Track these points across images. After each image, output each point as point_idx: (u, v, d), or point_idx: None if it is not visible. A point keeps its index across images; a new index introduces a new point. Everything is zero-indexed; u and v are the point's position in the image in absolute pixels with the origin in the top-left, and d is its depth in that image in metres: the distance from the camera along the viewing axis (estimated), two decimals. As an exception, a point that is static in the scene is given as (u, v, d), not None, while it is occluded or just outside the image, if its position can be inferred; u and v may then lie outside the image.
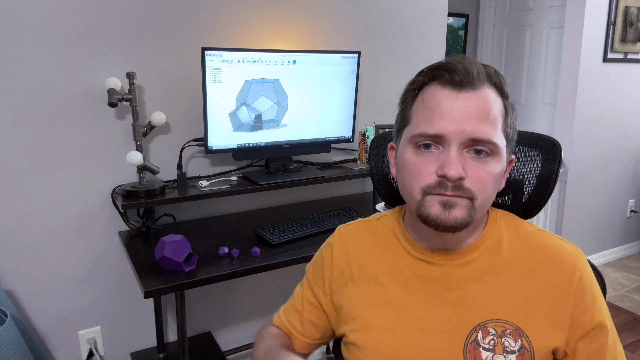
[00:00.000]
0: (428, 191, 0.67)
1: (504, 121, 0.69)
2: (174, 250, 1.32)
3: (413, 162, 0.68)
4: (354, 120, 1.93)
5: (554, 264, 0.72)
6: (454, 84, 0.66)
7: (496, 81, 0.69)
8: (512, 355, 0.68)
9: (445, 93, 0.66)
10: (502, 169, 0.70)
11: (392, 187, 0.93)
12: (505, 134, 0.70)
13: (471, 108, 0.65)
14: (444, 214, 0.66)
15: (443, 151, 0.66)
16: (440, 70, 0.68)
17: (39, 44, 1.49)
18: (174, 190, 1.65)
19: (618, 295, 2.78)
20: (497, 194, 0.73)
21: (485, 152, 0.66)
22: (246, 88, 1.66)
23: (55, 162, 1.57)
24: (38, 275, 1.61)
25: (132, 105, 1.57)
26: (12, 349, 1.33)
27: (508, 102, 0.71)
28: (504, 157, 0.69)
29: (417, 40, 2.21)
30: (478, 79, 0.66)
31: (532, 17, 3.44)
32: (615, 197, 3.20)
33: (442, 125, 0.65)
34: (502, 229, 0.76)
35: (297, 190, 2.06)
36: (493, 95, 0.68)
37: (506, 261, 0.73)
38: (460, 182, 0.65)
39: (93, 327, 1.74)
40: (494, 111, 0.67)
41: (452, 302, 0.72)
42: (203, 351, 1.80)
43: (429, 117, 0.67)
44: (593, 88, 2.83)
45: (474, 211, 0.67)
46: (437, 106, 0.66)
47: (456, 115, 0.65)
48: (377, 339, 0.74)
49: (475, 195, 0.66)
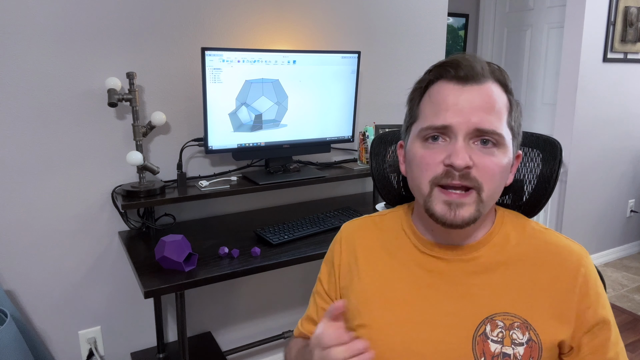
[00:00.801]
0: (436, 182, 0.69)
1: (509, 115, 0.71)
2: (174, 250, 1.32)
3: (421, 155, 0.70)
4: (354, 120, 1.93)
5: (559, 260, 0.73)
6: (459, 78, 0.69)
7: (500, 77, 0.71)
8: (520, 348, 0.69)
9: (451, 87, 0.69)
10: (509, 162, 0.71)
11: (392, 187, 0.93)
12: (510, 127, 0.71)
13: (476, 100, 0.67)
14: (449, 213, 0.68)
15: (450, 142, 0.68)
16: (445, 66, 0.70)
17: (39, 44, 1.49)
18: (174, 190, 1.65)
19: (618, 295, 2.78)
20: (500, 193, 0.74)
21: (491, 142, 0.68)
22: (246, 88, 1.66)
23: (55, 162, 1.57)
24: (38, 275, 1.61)
25: (132, 105, 1.57)
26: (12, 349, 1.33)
27: (513, 98, 0.73)
28: (510, 149, 0.71)
29: (417, 40, 2.21)
30: (482, 74, 0.69)
31: (532, 17, 3.44)
32: (615, 197, 3.20)
33: (448, 117, 0.68)
34: (508, 226, 0.78)
35: (297, 190, 2.06)
36: (497, 90, 0.70)
37: (512, 257, 0.74)
38: (467, 171, 0.67)
39: (93, 327, 1.74)
40: (498, 104, 0.69)
41: (459, 297, 0.73)
42: (203, 351, 1.80)
43: (436, 111, 0.69)
44: (593, 88, 2.83)
45: (481, 205, 0.69)
46: (444, 100, 0.69)
47: (462, 107, 0.67)
48: (384, 333, 0.75)
49: (481, 185, 0.68)
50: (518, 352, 0.69)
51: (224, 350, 1.97)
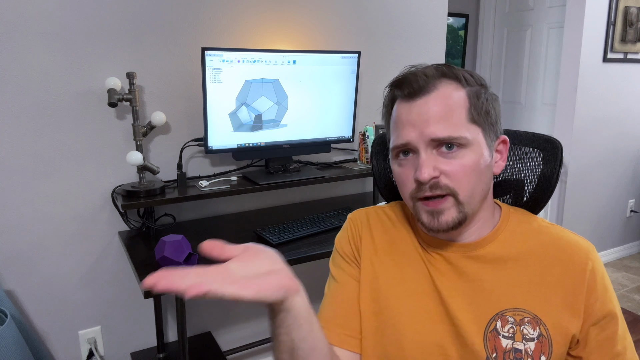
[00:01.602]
0: (414, 196, 0.72)
1: (469, 110, 0.70)
2: (174, 250, 1.32)
3: (397, 172, 0.75)
4: (354, 120, 1.93)
5: (566, 255, 0.73)
6: (407, 95, 0.72)
7: (449, 74, 0.72)
8: (531, 343, 0.70)
9: (403, 105, 0.72)
10: (483, 157, 0.71)
11: (393, 187, 0.93)
12: (474, 120, 0.70)
13: (427, 112, 0.69)
14: (433, 221, 0.71)
15: (416, 156, 0.71)
16: (394, 87, 0.74)
17: (39, 44, 1.49)
18: (174, 190, 1.65)
19: (618, 295, 2.78)
20: (501, 191, 0.74)
21: (455, 145, 0.69)
22: (246, 88, 1.66)
23: (55, 162, 1.57)
24: (38, 275, 1.61)
25: (132, 105, 1.57)
26: (12, 349, 1.33)
27: (473, 88, 0.72)
28: (481, 144, 0.71)
29: (417, 40, 2.21)
30: (427, 83, 0.70)
31: (532, 17, 3.44)
32: (615, 197, 3.20)
33: (405, 134, 0.71)
34: (514, 223, 0.78)
35: (297, 190, 2.06)
36: (449, 90, 0.70)
37: (520, 253, 0.75)
38: (436, 181, 0.69)
39: (93, 327, 1.74)
40: (451, 107, 0.69)
41: (469, 293, 0.74)
42: (203, 351, 1.80)
43: (396, 130, 0.73)
44: (593, 88, 2.83)
45: (462, 206, 0.70)
46: (400, 119, 0.72)
47: (414, 122, 0.70)
48: (402, 323, 0.75)
49: (454, 190, 0.69)
50: (529, 347, 0.69)
51: (224, 350, 1.97)
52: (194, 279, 0.47)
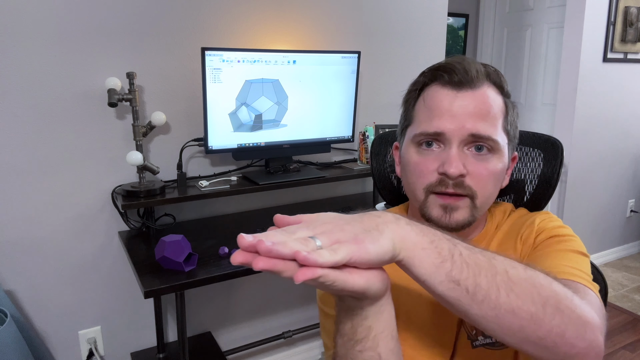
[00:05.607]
0: (430, 189, 0.69)
1: (504, 119, 0.70)
2: (174, 250, 1.32)
3: (415, 162, 0.70)
4: (354, 120, 1.93)
5: (526, 225, 0.75)
6: (453, 83, 0.68)
7: (496, 80, 0.70)
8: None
9: (445, 93, 0.68)
10: (504, 167, 0.71)
11: (393, 187, 0.93)
12: (506, 131, 0.71)
13: (470, 106, 0.67)
14: (444, 217, 0.68)
15: (444, 149, 0.68)
16: (440, 70, 0.69)
17: (39, 44, 1.49)
18: (174, 190, 1.65)
19: (618, 295, 2.78)
20: (501, 192, 0.75)
21: (486, 148, 0.68)
22: (246, 88, 1.66)
23: (55, 162, 1.57)
24: (38, 275, 1.61)
25: (132, 105, 1.57)
26: (12, 349, 1.33)
27: (509, 100, 0.72)
28: (505, 154, 0.71)
29: (417, 40, 2.21)
30: (477, 78, 0.68)
31: (532, 17, 3.44)
32: (615, 197, 3.20)
33: (442, 124, 0.67)
34: (497, 218, 0.80)
35: (297, 190, 2.06)
36: (493, 93, 0.69)
37: (498, 240, 0.77)
38: (461, 180, 0.67)
39: (93, 327, 1.73)
40: (493, 109, 0.68)
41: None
42: (203, 351, 1.80)
43: (430, 117, 0.69)
44: (593, 88, 2.83)
45: (475, 210, 0.69)
46: (437, 105, 0.68)
47: (456, 113, 0.67)
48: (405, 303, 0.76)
49: (475, 193, 0.68)
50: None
51: (224, 350, 1.96)
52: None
